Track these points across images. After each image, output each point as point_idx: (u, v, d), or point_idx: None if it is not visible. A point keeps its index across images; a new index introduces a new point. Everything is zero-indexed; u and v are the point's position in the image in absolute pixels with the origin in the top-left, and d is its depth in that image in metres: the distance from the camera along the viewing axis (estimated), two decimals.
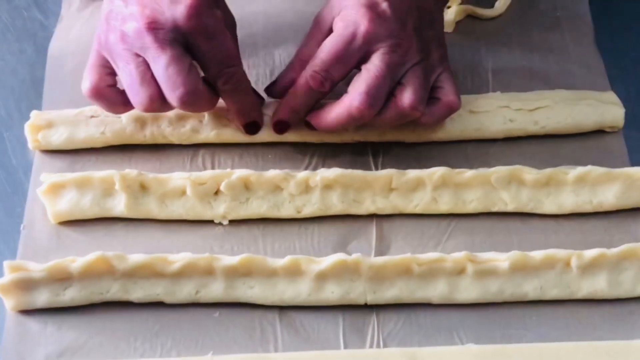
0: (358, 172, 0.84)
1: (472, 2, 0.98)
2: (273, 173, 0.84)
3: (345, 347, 0.77)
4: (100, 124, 0.87)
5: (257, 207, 0.83)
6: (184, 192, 0.83)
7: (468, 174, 0.84)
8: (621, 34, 0.99)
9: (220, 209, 0.83)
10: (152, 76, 0.78)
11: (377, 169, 0.87)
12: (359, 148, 0.89)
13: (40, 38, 0.98)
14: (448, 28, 0.97)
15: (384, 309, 0.79)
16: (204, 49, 0.78)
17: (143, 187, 0.84)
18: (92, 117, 0.87)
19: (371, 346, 0.77)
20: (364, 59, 0.81)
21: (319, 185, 0.83)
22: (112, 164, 0.86)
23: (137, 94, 0.79)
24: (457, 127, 0.88)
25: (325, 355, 0.76)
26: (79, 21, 0.98)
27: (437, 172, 0.83)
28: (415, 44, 0.81)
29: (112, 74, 0.82)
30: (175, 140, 0.88)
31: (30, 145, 0.87)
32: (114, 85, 0.82)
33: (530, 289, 0.79)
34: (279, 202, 0.84)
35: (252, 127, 0.87)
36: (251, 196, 0.84)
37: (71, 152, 0.87)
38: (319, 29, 0.86)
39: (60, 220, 0.83)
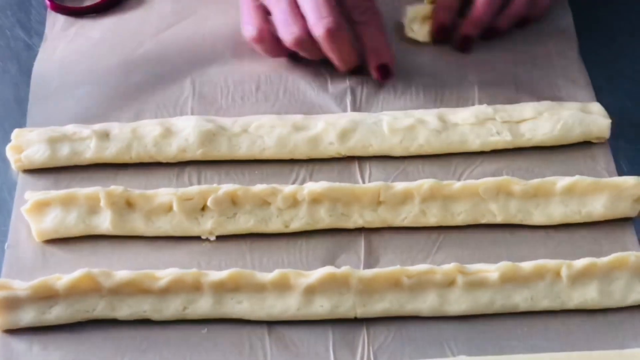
0: (346, 186, 0.83)
1: None
2: (260, 187, 0.83)
3: None
4: (84, 144, 0.87)
5: (244, 222, 0.83)
6: (170, 208, 0.83)
7: (456, 185, 0.83)
8: (605, 45, 0.99)
9: (207, 225, 0.82)
10: (301, 12, 0.87)
11: (364, 182, 0.86)
12: (345, 162, 0.88)
13: (24, 58, 0.98)
14: (425, 38, 0.97)
15: (374, 322, 0.78)
16: None
17: (129, 204, 0.83)
18: (74, 133, 0.87)
19: None
20: None
21: (307, 199, 0.83)
22: (97, 181, 0.85)
23: (288, 28, 0.88)
24: (443, 140, 0.88)
25: None
26: (63, 41, 0.98)
27: (425, 184, 0.83)
28: None
29: (268, 14, 0.90)
30: (161, 159, 0.87)
31: (13, 166, 0.86)
32: (272, 29, 0.90)
33: (520, 299, 0.78)
34: (266, 217, 0.83)
35: (384, 70, 0.92)
36: (238, 211, 0.83)
37: (56, 170, 0.87)
38: None
39: (45, 239, 0.82)
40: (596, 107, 0.90)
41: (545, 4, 0.98)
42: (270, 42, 0.91)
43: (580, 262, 0.79)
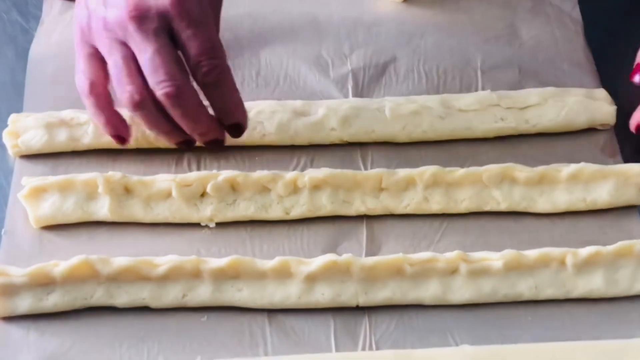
0: (347, 172, 0.82)
1: None
2: (260, 174, 0.82)
3: (337, 350, 0.75)
4: (82, 129, 0.85)
5: (244, 209, 0.82)
6: (169, 195, 0.82)
7: (459, 172, 0.82)
8: (611, 31, 0.98)
9: (206, 211, 0.81)
10: (139, 68, 0.75)
11: (366, 169, 0.85)
12: (347, 149, 0.87)
13: (21, 42, 0.96)
14: None
15: (376, 311, 0.77)
16: (187, 36, 0.75)
17: (127, 190, 0.82)
18: (72, 118, 0.86)
19: (363, 349, 0.76)
20: None
21: (308, 186, 0.82)
22: (95, 167, 0.84)
23: (122, 87, 0.75)
24: (446, 126, 0.87)
25: (317, 359, 0.74)
26: (60, 24, 0.96)
27: (427, 171, 0.82)
28: None
29: (104, 66, 0.78)
30: (160, 145, 0.86)
31: (10, 152, 0.85)
32: (107, 82, 0.78)
33: (525, 288, 0.77)
34: (266, 204, 0.82)
35: (236, 130, 0.80)
36: (238, 198, 0.82)
37: (53, 156, 0.85)
38: None
39: (42, 225, 0.81)
40: (601, 94, 0.89)
41: None
42: (104, 98, 0.79)
43: (586, 251, 0.78)
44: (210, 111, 0.79)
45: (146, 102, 0.75)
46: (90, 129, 0.85)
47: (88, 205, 0.81)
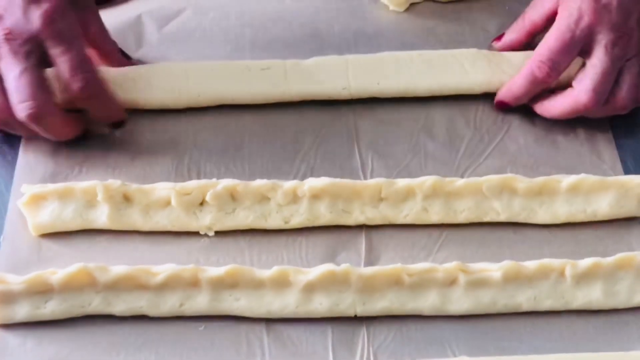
0: (347, 181, 0.82)
1: None
2: (260, 183, 0.82)
3: None
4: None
5: (243, 218, 0.82)
6: (168, 203, 0.81)
7: (459, 182, 0.82)
8: None
9: (205, 220, 0.81)
10: (4, 87, 0.79)
11: (366, 179, 0.85)
12: (347, 158, 0.87)
13: None
14: (400, 6, 0.97)
15: (374, 321, 0.77)
16: (57, 54, 0.80)
17: (126, 198, 0.82)
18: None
19: (361, 359, 0.75)
20: (586, 48, 0.85)
21: (307, 195, 0.82)
22: (94, 175, 0.84)
23: None
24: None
25: None
26: None
27: (427, 181, 0.82)
28: (637, 36, 0.85)
29: None
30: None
31: None
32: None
33: (524, 299, 0.77)
34: (266, 213, 0.82)
35: (115, 125, 0.87)
36: (237, 206, 0.82)
37: (53, 163, 0.85)
38: None
39: (42, 233, 0.81)
40: None
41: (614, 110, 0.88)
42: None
43: (585, 262, 0.78)
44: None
45: (9, 121, 0.81)
46: None
47: (87, 213, 0.81)
